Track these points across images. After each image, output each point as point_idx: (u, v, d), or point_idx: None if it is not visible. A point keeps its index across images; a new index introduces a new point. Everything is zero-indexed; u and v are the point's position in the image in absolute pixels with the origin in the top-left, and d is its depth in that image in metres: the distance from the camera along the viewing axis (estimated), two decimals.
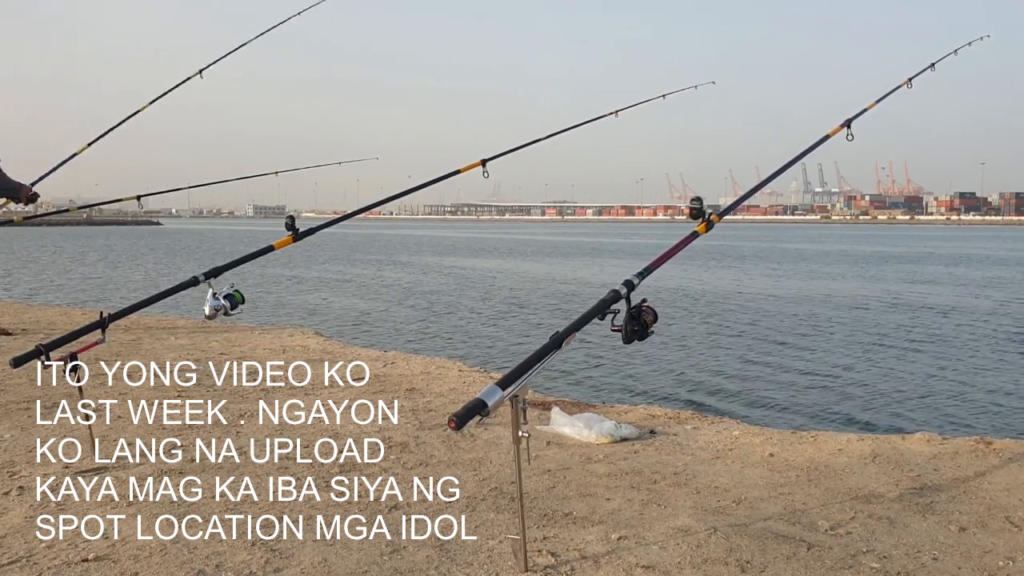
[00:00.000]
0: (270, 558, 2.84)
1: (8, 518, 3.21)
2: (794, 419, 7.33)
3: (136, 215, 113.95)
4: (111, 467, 3.84)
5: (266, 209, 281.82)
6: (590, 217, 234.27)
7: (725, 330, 13.20)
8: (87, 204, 50.03)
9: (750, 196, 4.21)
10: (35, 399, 5.14)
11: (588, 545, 2.96)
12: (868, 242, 58.33)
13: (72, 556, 2.85)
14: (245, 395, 5.42)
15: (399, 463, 3.94)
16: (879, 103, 4.52)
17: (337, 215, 5.44)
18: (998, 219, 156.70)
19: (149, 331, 8.36)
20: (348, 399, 5.31)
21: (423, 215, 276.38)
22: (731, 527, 3.13)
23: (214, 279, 3.85)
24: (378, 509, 3.32)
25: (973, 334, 12.84)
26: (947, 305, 17.10)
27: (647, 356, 10.28)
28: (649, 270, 2.96)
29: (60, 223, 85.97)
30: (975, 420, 7.56)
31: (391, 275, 25.84)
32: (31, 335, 7.86)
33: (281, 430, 4.52)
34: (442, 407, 5.09)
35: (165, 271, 27.37)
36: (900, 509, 3.35)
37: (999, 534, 3.10)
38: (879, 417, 7.58)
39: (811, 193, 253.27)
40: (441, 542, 2.99)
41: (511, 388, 2.38)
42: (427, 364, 6.80)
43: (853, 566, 2.80)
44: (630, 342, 2.76)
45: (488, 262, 33.69)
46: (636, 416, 5.05)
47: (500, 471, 3.81)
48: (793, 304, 17.21)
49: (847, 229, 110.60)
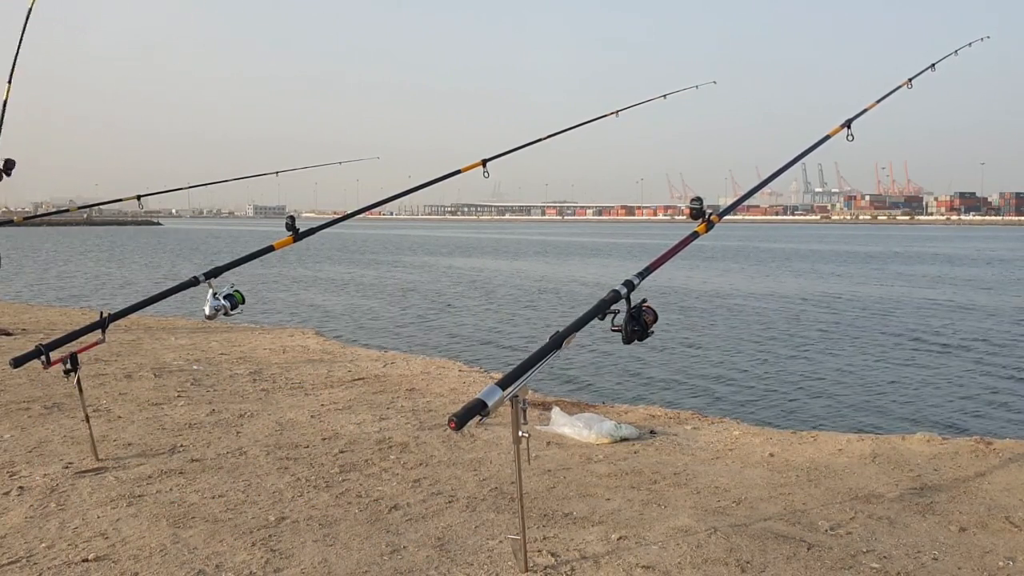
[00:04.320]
0: (270, 558, 2.84)
1: (8, 518, 3.21)
2: (794, 419, 7.33)
3: (136, 215, 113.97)
4: (111, 467, 3.84)
5: (266, 209, 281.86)
6: (590, 217, 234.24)
7: (725, 330, 13.20)
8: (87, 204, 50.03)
9: (750, 196, 4.20)
10: (35, 399, 5.15)
11: (588, 545, 2.96)
12: (868, 242, 58.33)
13: (72, 556, 2.85)
14: (245, 395, 5.42)
15: (399, 463, 3.94)
16: (879, 103, 4.52)
17: (337, 215, 5.44)
18: (998, 219, 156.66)
19: (149, 331, 8.36)
20: (348, 399, 5.31)
21: (423, 215, 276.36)
22: (731, 527, 3.13)
23: (214, 279, 3.85)
24: (378, 509, 3.32)
25: (973, 334, 12.84)
26: (947, 305, 17.09)
27: (647, 356, 10.28)
28: (649, 270, 2.96)
29: (60, 223, 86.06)
30: (975, 420, 7.56)
31: (391, 275, 25.83)
32: (31, 335, 7.86)
33: (281, 430, 4.52)
34: (442, 407, 5.09)
35: (165, 271, 27.37)
36: (900, 509, 3.35)
37: (999, 534, 3.10)
38: (879, 417, 7.58)
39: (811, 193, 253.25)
40: (441, 542, 2.99)
41: (511, 388, 2.38)
42: (427, 364, 6.81)
43: (853, 566, 2.80)
44: (630, 342, 2.76)
45: (488, 262, 33.68)
46: (636, 416, 5.05)
47: (500, 471, 3.81)
48: (793, 304, 17.21)
49: (847, 229, 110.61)
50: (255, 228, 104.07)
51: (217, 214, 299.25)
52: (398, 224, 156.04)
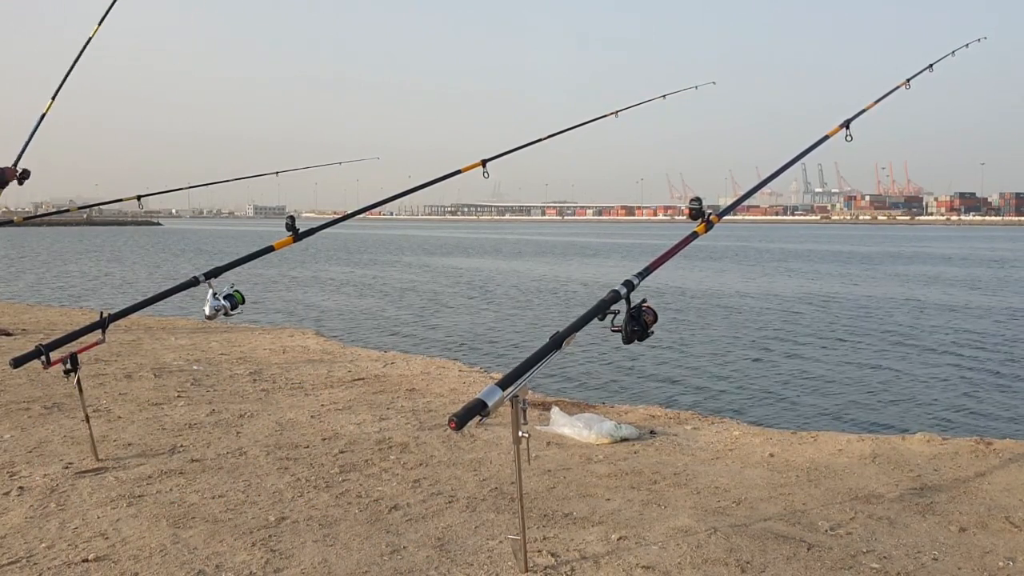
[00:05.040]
0: (270, 558, 2.84)
1: (8, 518, 3.21)
2: (794, 419, 7.33)
3: (136, 215, 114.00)
4: (111, 467, 3.84)
5: (266, 209, 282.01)
6: (590, 217, 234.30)
7: (725, 330, 13.20)
8: (87, 204, 50.02)
9: (749, 196, 4.20)
10: (35, 399, 5.15)
11: (588, 545, 2.96)
12: (868, 242, 58.32)
13: (72, 556, 2.85)
14: (245, 395, 5.42)
15: (399, 463, 3.94)
16: (877, 104, 4.52)
17: (337, 215, 5.44)
18: (998, 219, 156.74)
19: (149, 331, 8.36)
20: (348, 399, 5.31)
21: (423, 215, 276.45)
22: (731, 527, 3.13)
23: (214, 279, 3.85)
24: (378, 509, 3.32)
25: (973, 334, 12.84)
26: (947, 305, 17.10)
27: (647, 356, 10.28)
28: (649, 270, 2.96)
29: (60, 223, 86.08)
30: (975, 420, 7.56)
31: (391, 275, 25.84)
32: (31, 335, 7.86)
33: (281, 430, 4.52)
34: (442, 407, 5.10)
35: (165, 271, 27.37)
36: (900, 509, 3.35)
37: (999, 534, 3.10)
38: (879, 417, 7.58)
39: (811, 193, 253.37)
40: (441, 542, 2.99)
41: (511, 388, 2.38)
42: (427, 364, 6.81)
43: (853, 566, 2.80)
44: (630, 342, 2.76)
45: (488, 262, 33.68)
46: (636, 416, 5.05)
47: (500, 471, 3.81)
48: (793, 304, 17.21)
49: (847, 229, 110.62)
50: (255, 228, 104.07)
51: (217, 214, 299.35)
52: (398, 224, 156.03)
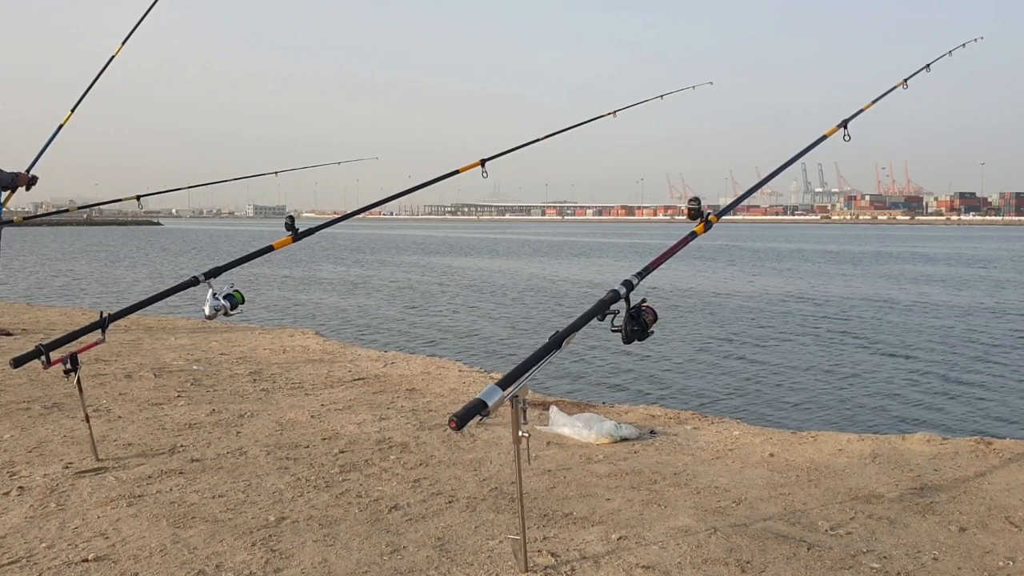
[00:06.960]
0: (270, 558, 2.84)
1: (8, 518, 3.21)
2: (794, 419, 7.33)
3: (136, 215, 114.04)
4: (111, 467, 3.84)
5: (266, 209, 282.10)
6: (590, 217, 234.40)
7: (725, 330, 13.20)
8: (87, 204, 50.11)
9: (748, 196, 4.20)
10: (35, 399, 5.15)
11: (588, 545, 2.96)
12: (868, 242, 58.33)
13: (72, 556, 2.85)
14: (245, 395, 5.42)
15: (399, 463, 3.94)
16: (875, 104, 4.53)
17: (337, 215, 5.44)
18: (998, 219, 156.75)
19: (149, 331, 8.36)
20: (348, 399, 5.31)
21: (423, 215, 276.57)
22: (731, 527, 3.13)
23: (214, 279, 3.85)
24: (378, 509, 3.32)
25: (973, 333, 12.84)
26: (947, 305, 17.10)
27: (647, 356, 10.28)
28: (648, 270, 2.96)
29: (60, 223, 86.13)
30: (975, 420, 7.56)
31: (391, 275, 25.83)
32: (31, 335, 7.86)
33: (281, 430, 4.52)
34: (442, 407, 5.10)
35: (165, 271, 27.36)
36: (900, 509, 3.35)
37: (999, 534, 3.10)
38: (879, 417, 7.58)
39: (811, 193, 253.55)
40: (441, 542, 2.99)
41: (511, 388, 2.38)
42: (427, 364, 6.81)
43: (853, 566, 2.80)
44: (630, 342, 2.76)
45: (488, 262, 33.67)
46: (636, 416, 5.05)
47: (500, 471, 3.81)
48: (793, 304, 17.21)
49: (847, 229, 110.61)
50: (255, 228, 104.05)
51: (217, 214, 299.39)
52: (398, 224, 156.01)
